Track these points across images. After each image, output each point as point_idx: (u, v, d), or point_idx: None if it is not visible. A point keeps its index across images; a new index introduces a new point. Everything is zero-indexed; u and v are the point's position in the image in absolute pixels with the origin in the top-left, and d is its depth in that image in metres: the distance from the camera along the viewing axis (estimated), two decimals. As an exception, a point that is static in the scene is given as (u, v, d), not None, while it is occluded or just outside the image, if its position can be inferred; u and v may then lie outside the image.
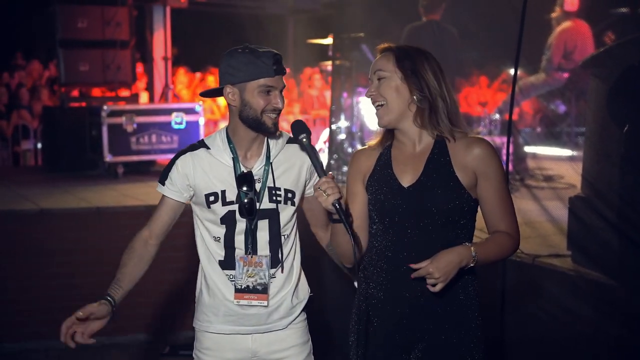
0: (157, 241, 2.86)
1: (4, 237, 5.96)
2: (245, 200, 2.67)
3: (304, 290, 2.89)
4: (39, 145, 10.50)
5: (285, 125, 12.06)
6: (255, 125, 2.68)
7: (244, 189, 2.67)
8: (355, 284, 2.84)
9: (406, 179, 2.49)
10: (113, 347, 6.09)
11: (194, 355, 2.90)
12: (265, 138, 2.77)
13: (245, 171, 2.71)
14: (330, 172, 2.46)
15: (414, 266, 2.33)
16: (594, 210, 4.07)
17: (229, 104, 2.73)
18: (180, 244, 6.10)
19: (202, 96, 2.90)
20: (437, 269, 2.28)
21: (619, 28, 4.78)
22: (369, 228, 2.60)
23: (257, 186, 2.72)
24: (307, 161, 2.78)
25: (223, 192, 2.71)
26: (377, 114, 2.51)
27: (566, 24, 6.73)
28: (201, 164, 2.74)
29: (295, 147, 2.81)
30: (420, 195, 2.45)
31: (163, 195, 2.82)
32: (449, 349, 2.48)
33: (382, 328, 2.54)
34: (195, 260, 2.90)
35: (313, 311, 2.95)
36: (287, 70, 2.96)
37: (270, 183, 2.73)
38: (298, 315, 2.84)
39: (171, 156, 8.78)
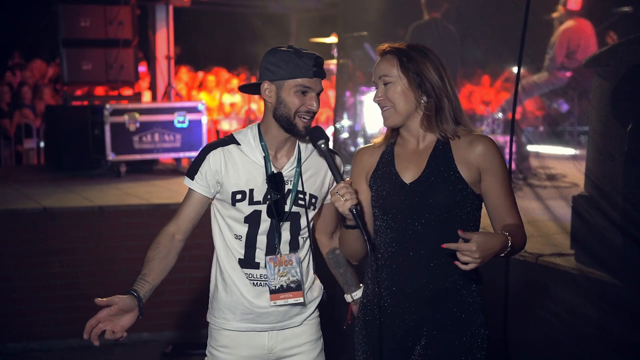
0: (183, 236, 2.80)
1: (7, 237, 5.97)
2: (277, 200, 2.67)
3: (318, 288, 2.91)
4: (42, 144, 10.51)
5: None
6: (287, 125, 2.66)
7: (274, 189, 2.67)
8: (351, 294, 2.93)
9: (408, 176, 2.51)
10: (116, 345, 6.09)
11: (207, 352, 2.91)
12: (297, 141, 2.77)
13: (275, 172, 2.70)
14: (347, 178, 2.46)
15: (453, 246, 2.26)
16: (598, 209, 4.07)
17: (264, 101, 2.71)
18: (183, 244, 6.12)
19: (240, 90, 2.88)
20: (481, 250, 2.23)
21: (621, 27, 4.76)
22: (373, 225, 2.61)
23: (286, 188, 2.72)
24: None
25: (251, 191, 2.70)
26: (383, 114, 2.53)
27: (569, 23, 6.72)
28: (232, 160, 2.71)
29: None
30: (422, 191, 2.46)
31: (190, 190, 2.77)
32: (451, 346, 2.48)
33: (385, 324, 2.54)
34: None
35: (322, 310, 2.98)
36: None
37: (299, 187, 2.73)
38: (312, 312, 2.87)
39: (174, 155, 8.75)
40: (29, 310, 5.99)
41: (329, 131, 8.39)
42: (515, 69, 4.97)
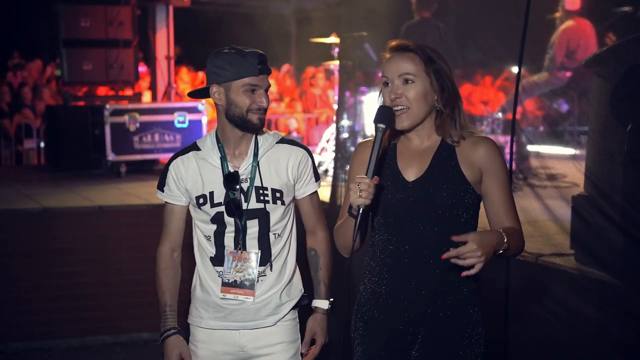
0: (180, 249, 2.92)
1: (7, 236, 5.98)
2: (235, 199, 2.71)
3: (296, 289, 2.91)
4: (42, 145, 10.51)
5: (293, 124, 11.80)
6: (241, 124, 2.71)
7: (231, 188, 2.71)
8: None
9: (411, 174, 2.50)
10: (116, 345, 6.11)
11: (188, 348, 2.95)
12: (254, 137, 2.80)
13: (232, 171, 2.74)
14: (376, 177, 2.37)
15: (454, 253, 2.22)
16: (597, 209, 4.07)
17: (215, 104, 2.77)
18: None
19: (189, 97, 2.94)
20: (482, 247, 2.21)
21: (621, 27, 4.77)
22: (371, 222, 2.61)
23: (245, 186, 2.75)
24: (292, 161, 2.81)
25: (211, 193, 2.76)
26: (397, 117, 2.45)
27: (569, 23, 6.72)
28: (191, 166, 2.79)
29: (284, 146, 2.84)
30: (425, 190, 2.46)
31: (166, 203, 2.87)
32: (449, 344, 2.48)
33: (383, 322, 2.55)
34: (194, 260, 2.93)
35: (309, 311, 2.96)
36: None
37: (257, 182, 2.76)
38: (287, 313, 2.87)
39: (174, 155, 8.51)
40: (29, 309, 5.99)
41: (330, 130, 8.40)
42: (514, 69, 4.97)
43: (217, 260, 2.80)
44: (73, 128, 8.61)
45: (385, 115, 2.42)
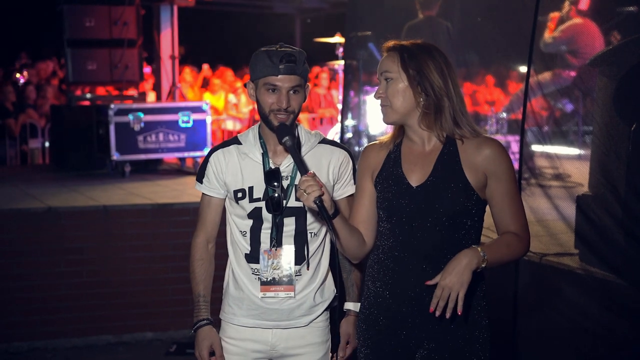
0: (214, 241, 2.91)
1: (12, 236, 5.99)
2: (274, 196, 2.69)
3: (329, 290, 2.90)
4: (47, 144, 10.53)
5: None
6: (266, 123, 2.71)
7: (271, 185, 2.70)
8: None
9: (415, 179, 2.48)
10: (120, 345, 6.11)
11: None
12: (296, 135, 2.78)
13: (273, 167, 2.73)
14: (311, 171, 2.44)
15: (434, 302, 2.32)
16: (602, 209, 4.06)
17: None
18: (180, 243, 6.12)
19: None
20: (449, 281, 2.27)
21: (626, 26, 4.76)
22: (377, 226, 2.60)
23: (285, 183, 2.74)
24: (334, 162, 2.80)
25: (250, 188, 2.75)
26: (382, 112, 2.51)
27: (574, 21, 6.71)
28: (232, 160, 2.78)
29: (326, 147, 2.83)
30: (429, 195, 2.44)
31: (204, 195, 2.86)
32: (454, 350, 2.47)
33: (387, 327, 2.54)
34: (224, 258, 2.93)
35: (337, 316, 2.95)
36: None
37: (298, 181, 2.73)
38: (320, 314, 2.86)
39: (178, 155, 8.81)
40: (33, 309, 6.00)
41: (334, 130, 8.40)
42: (520, 69, 4.96)
43: (252, 257, 2.79)
44: (77, 128, 8.62)
45: (282, 130, 2.59)
